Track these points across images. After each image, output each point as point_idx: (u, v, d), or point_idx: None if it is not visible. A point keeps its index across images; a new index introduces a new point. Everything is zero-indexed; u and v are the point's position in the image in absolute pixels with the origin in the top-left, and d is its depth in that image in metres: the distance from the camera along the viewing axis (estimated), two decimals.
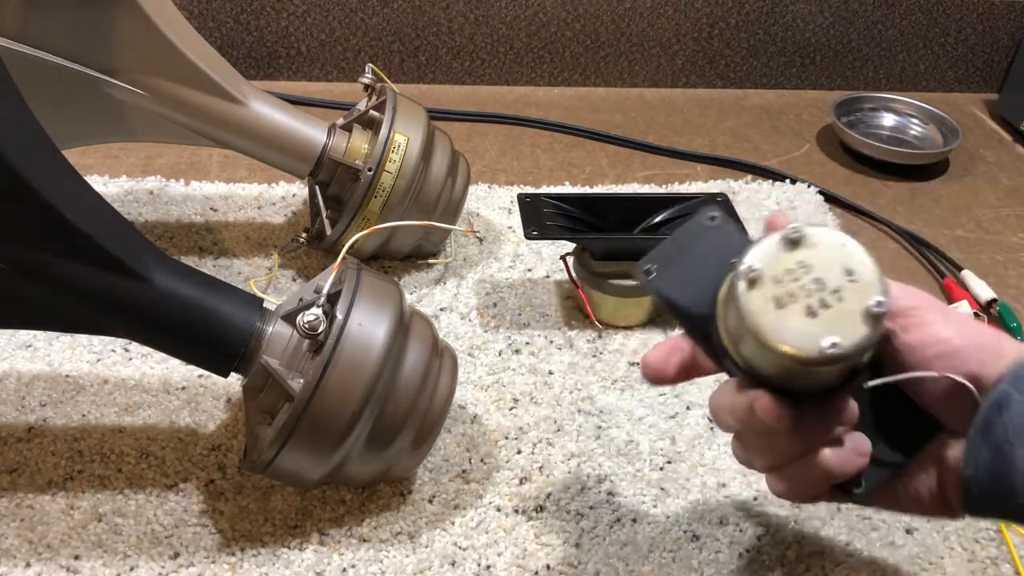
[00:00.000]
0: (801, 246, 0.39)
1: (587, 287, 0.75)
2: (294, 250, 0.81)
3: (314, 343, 0.53)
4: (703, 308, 0.42)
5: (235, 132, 0.73)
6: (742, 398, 0.41)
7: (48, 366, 0.69)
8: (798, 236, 0.39)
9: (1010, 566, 0.58)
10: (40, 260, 0.49)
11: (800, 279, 0.38)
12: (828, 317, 0.37)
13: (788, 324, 0.38)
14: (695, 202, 0.76)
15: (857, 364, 0.40)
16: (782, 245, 0.39)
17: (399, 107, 0.75)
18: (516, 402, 0.68)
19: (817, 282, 0.38)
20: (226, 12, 1.07)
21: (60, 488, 0.60)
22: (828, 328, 0.37)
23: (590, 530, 0.59)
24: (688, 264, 0.44)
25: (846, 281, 0.38)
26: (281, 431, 0.52)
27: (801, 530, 0.60)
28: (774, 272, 0.38)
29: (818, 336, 0.37)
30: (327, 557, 0.57)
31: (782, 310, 0.38)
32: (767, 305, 0.38)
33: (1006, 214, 0.95)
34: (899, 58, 1.17)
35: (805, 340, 0.37)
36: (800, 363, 0.37)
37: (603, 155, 1.02)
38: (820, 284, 0.38)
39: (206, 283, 0.54)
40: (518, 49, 1.12)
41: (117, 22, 0.68)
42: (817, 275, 0.38)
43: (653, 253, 0.45)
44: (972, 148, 1.07)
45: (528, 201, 0.75)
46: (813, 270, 0.38)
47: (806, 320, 0.37)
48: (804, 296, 0.38)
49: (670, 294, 0.44)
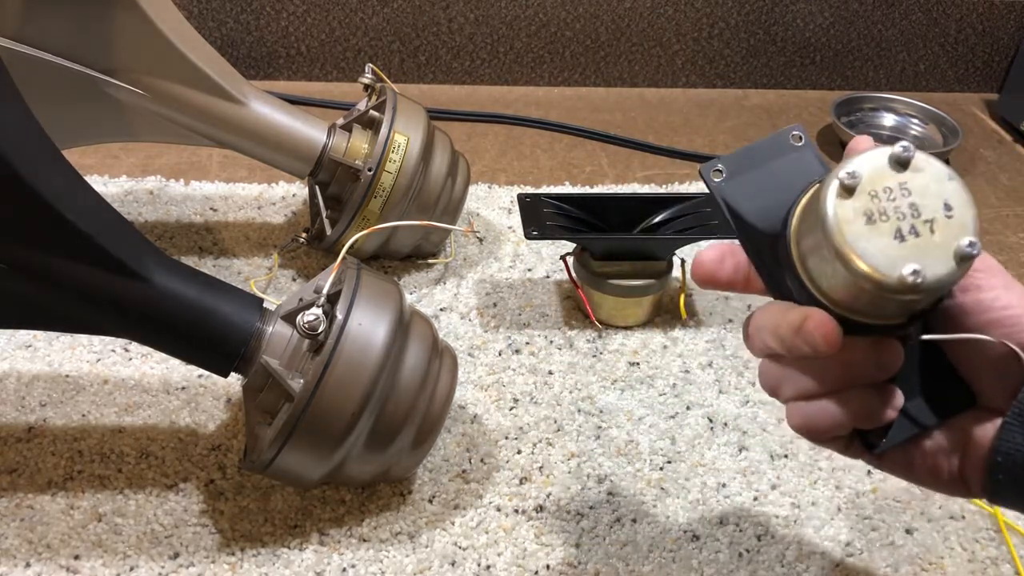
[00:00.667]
0: (907, 169, 0.36)
1: (587, 287, 0.75)
2: (294, 250, 0.81)
3: (314, 343, 0.53)
4: (771, 224, 0.40)
5: (235, 132, 0.73)
6: (793, 315, 0.39)
7: (48, 366, 0.69)
8: (907, 157, 0.36)
9: (1010, 566, 0.58)
10: (40, 260, 0.49)
11: (897, 200, 0.36)
12: (916, 245, 0.35)
13: (873, 241, 0.35)
14: (695, 202, 0.76)
15: (925, 306, 0.38)
16: (889, 161, 0.37)
17: (399, 107, 0.75)
18: (516, 402, 0.68)
19: (913, 207, 0.36)
20: (226, 12, 1.07)
21: (60, 488, 0.60)
22: (914, 256, 0.35)
23: (590, 530, 0.59)
24: (763, 177, 0.41)
25: (943, 215, 0.36)
26: (281, 431, 0.52)
27: (801, 530, 0.60)
28: (873, 186, 0.36)
29: (902, 261, 0.35)
30: (327, 557, 0.57)
31: (871, 226, 0.36)
32: (857, 217, 0.36)
33: (1006, 214, 0.95)
34: (899, 58, 1.17)
35: (887, 262, 0.35)
36: (875, 284, 0.35)
37: (603, 155, 1.02)
38: (916, 210, 0.36)
39: (206, 283, 0.54)
40: (518, 49, 1.12)
41: (117, 22, 0.68)
42: (915, 200, 0.36)
43: (725, 157, 0.42)
44: (972, 148, 1.07)
45: (528, 201, 0.75)
46: (912, 194, 0.36)
47: (892, 242, 0.35)
48: (897, 218, 0.36)
49: (737, 203, 0.41)
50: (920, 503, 0.62)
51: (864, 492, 0.63)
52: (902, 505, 0.62)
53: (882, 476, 0.64)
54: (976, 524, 0.61)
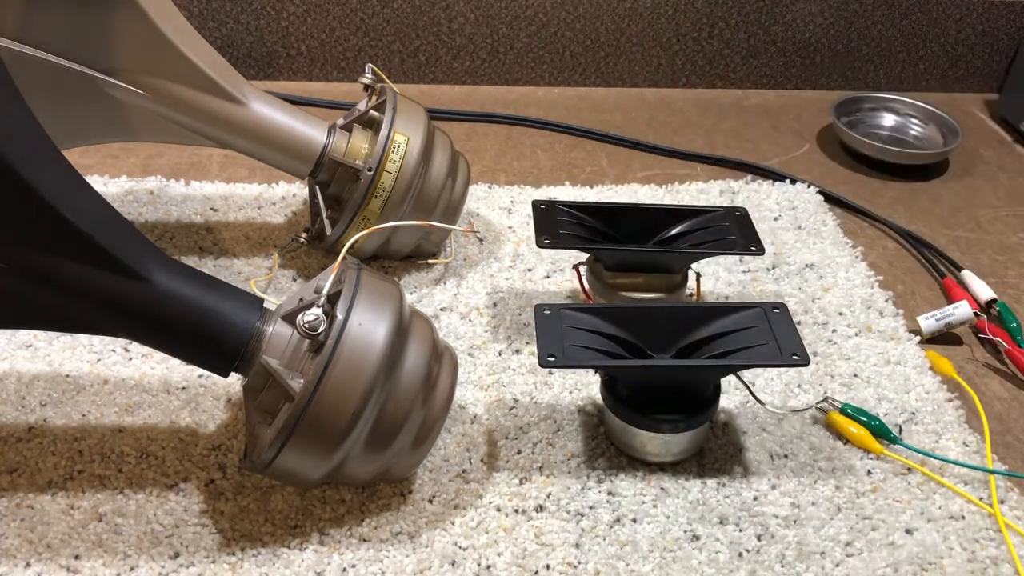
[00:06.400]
0: None
1: (599, 298, 0.74)
2: (294, 250, 0.81)
3: (314, 343, 0.53)
4: None
5: (235, 132, 0.73)
6: None
7: (48, 366, 0.69)
8: None
9: (1010, 566, 0.58)
10: (40, 260, 0.49)
11: None
12: None
13: None
14: (712, 215, 0.75)
15: None
16: None
17: (399, 107, 0.75)
18: (516, 402, 0.68)
19: None
20: (226, 12, 1.07)
21: (60, 488, 0.60)
22: None
23: (590, 530, 0.59)
24: None
25: None
26: (281, 431, 0.52)
27: (801, 530, 0.60)
28: None
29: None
30: (327, 557, 0.57)
31: None
32: None
33: (1006, 214, 0.95)
34: (899, 58, 1.17)
35: None
36: None
37: (603, 155, 1.02)
38: None
39: (206, 283, 0.54)
40: (518, 49, 1.12)
41: (117, 22, 0.68)
42: None
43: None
44: (972, 148, 1.07)
45: (543, 208, 0.74)
46: None
47: None
48: None
49: None
50: (920, 503, 0.62)
51: (864, 492, 0.63)
52: (902, 505, 0.62)
53: (882, 476, 0.64)
54: (976, 524, 0.61)
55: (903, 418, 0.68)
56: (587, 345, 0.61)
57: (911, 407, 0.69)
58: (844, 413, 0.67)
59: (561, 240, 0.71)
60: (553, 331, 0.61)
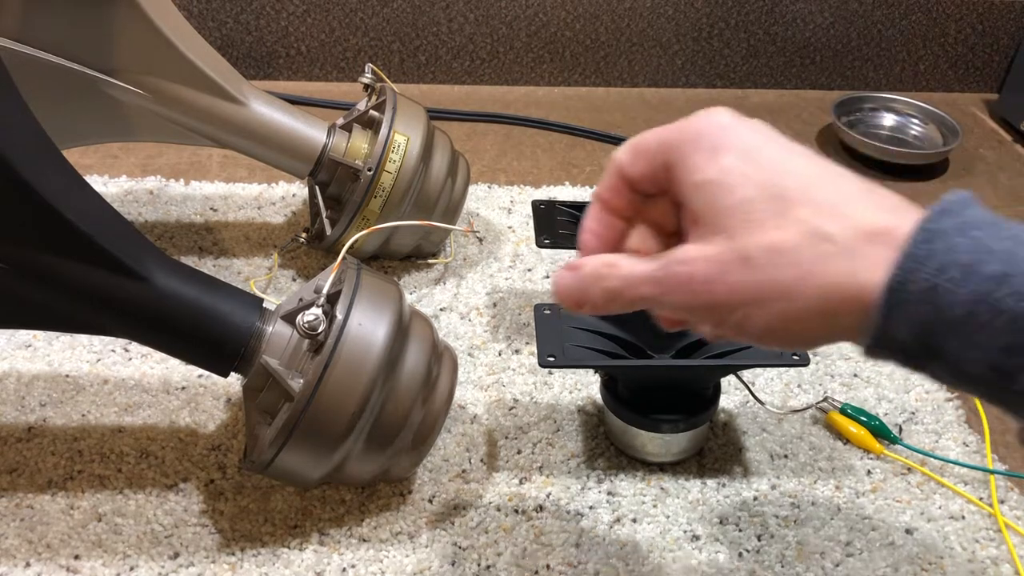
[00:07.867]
0: None
1: None
2: (294, 250, 0.81)
3: (314, 343, 0.53)
4: None
5: (235, 132, 0.73)
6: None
7: (48, 366, 0.69)
8: None
9: (1010, 566, 0.58)
10: (40, 260, 0.49)
11: None
12: None
13: None
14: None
15: None
16: None
17: (399, 107, 0.75)
18: (516, 402, 0.68)
19: None
20: (226, 12, 1.07)
21: (60, 488, 0.60)
22: None
23: (590, 530, 0.59)
24: None
25: None
26: (281, 431, 0.52)
27: (801, 530, 0.60)
28: None
29: None
30: (327, 557, 0.57)
31: None
32: None
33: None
34: (899, 58, 1.17)
35: None
36: None
37: (603, 155, 1.02)
38: None
39: (206, 283, 0.54)
40: (518, 49, 1.12)
41: (117, 22, 0.68)
42: None
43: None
44: (972, 148, 1.07)
45: (543, 208, 0.74)
46: None
47: None
48: None
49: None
50: (920, 503, 0.62)
51: (864, 492, 0.63)
52: (902, 505, 0.62)
53: (882, 476, 0.64)
54: (976, 524, 0.61)
55: (903, 418, 0.68)
56: (587, 345, 0.61)
57: (911, 407, 0.69)
58: (844, 413, 0.67)
59: (561, 240, 0.71)
60: (553, 331, 0.62)
